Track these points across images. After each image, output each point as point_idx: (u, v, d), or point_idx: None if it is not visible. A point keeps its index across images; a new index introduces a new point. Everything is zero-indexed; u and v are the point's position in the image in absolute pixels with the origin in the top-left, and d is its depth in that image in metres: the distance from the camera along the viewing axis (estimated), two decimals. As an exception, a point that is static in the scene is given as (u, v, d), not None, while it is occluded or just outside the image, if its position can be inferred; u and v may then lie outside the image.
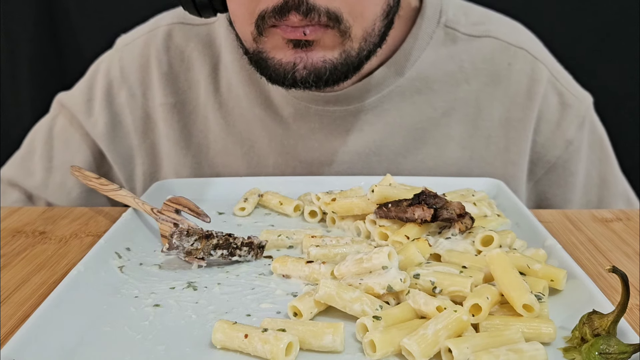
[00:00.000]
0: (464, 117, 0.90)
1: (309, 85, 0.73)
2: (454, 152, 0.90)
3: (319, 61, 0.72)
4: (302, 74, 0.73)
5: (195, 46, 0.93)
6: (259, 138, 0.91)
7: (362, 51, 0.75)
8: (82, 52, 1.43)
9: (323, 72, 0.73)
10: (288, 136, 0.90)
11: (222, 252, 0.62)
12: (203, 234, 0.61)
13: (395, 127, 0.89)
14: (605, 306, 0.50)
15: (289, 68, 0.73)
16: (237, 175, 0.92)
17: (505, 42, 0.91)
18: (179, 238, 0.60)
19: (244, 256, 0.64)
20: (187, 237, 0.60)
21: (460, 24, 0.90)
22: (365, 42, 0.74)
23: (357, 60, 0.75)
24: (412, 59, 0.88)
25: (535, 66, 0.91)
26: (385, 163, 0.90)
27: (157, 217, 0.70)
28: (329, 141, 0.90)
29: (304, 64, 0.72)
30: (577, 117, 0.92)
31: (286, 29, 0.70)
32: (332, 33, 0.71)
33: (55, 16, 1.46)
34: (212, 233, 0.62)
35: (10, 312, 0.58)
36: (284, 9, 0.68)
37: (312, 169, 0.91)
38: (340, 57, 0.73)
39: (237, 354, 0.49)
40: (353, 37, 0.72)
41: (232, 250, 0.63)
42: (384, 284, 0.53)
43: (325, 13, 0.69)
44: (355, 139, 0.89)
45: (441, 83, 0.89)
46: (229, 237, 0.63)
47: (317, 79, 0.73)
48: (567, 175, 0.94)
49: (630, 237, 0.73)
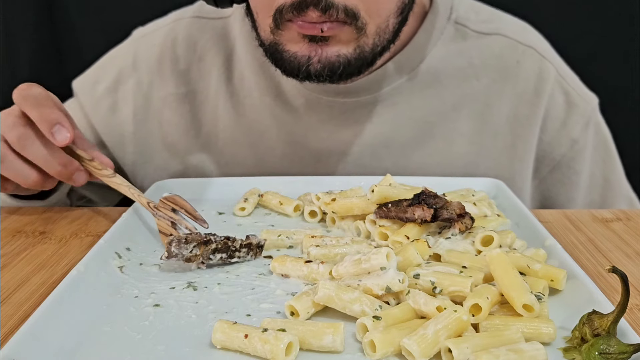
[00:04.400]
0: (473, 113, 0.91)
1: (322, 78, 0.74)
2: (462, 147, 0.91)
3: (333, 55, 0.73)
4: (317, 67, 0.73)
5: (210, 37, 0.94)
6: (269, 128, 0.92)
7: (375, 47, 0.75)
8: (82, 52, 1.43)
9: (337, 66, 0.73)
10: (298, 126, 0.91)
11: (221, 256, 0.63)
12: (201, 240, 0.61)
13: (404, 120, 0.90)
14: (605, 306, 0.50)
15: (303, 61, 0.73)
16: (245, 164, 0.93)
17: (514, 40, 0.92)
18: (177, 246, 0.60)
19: (243, 257, 0.64)
20: (185, 244, 0.60)
21: (471, 21, 0.91)
22: (379, 37, 0.75)
23: (370, 55, 0.76)
24: (422, 54, 0.88)
25: (543, 65, 0.92)
26: (394, 155, 0.91)
27: (154, 212, 0.70)
28: (338, 132, 0.90)
29: (318, 57, 0.73)
30: (583, 117, 0.93)
31: (303, 24, 0.70)
32: (348, 29, 0.71)
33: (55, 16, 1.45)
34: (210, 238, 0.62)
35: (10, 312, 0.58)
36: (303, 4, 0.69)
37: (321, 158, 0.91)
38: (354, 53, 0.74)
39: (237, 354, 0.49)
40: (368, 33, 0.73)
41: (231, 253, 0.63)
42: (382, 284, 0.53)
43: (344, 10, 0.69)
44: (365, 131, 0.90)
45: (451, 78, 0.90)
46: (227, 240, 0.63)
47: (331, 73, 0.74)
48: (572, 174, 0.95)
49: (630, 237, 0.73)
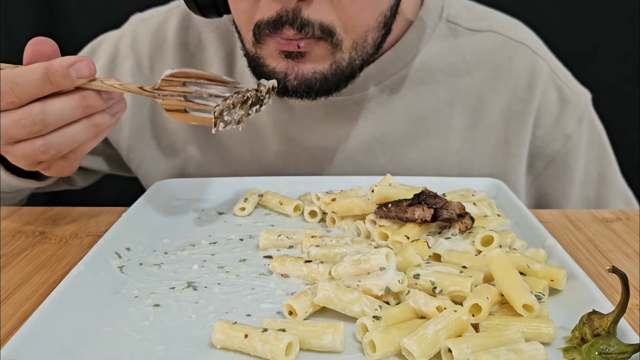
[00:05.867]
0: (466, 109, 0.91)
1: (299, 95, 0.74)
2: (456, 143, 0.92)
3: (309, 72, 0.73)
4: (293, 84, 0.74)
5: (213, 30, 0.94)
6: (265, 124, 0.92)
7: (353, 61, 0.75)
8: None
9: (314, 82, 0.74)
10: (293, 124, 0.91)
11: (255, 108, 0.66)
12: (241, 100, 0.63)
13: (398, 116, 0.90)
14: (605, 306, 0.50)
15: (280, 78, 0.74)
16: (241, 159, 0.93)
17: (506, 36, 0.93)
18: (228, 113, 0.62)
19: (267, 102, 0.68)
20: (233, 108, 0.62)
21: (462, 19, 0.92)
22: (356, 52, 0.75)
23: (348, 70, 0.76)
24: (414, 50, 0.89)
25: (536, 61, 0.92)
26: (389, 152, 0.91)
27: (157, 94, 0.66)
28: (333, 129, 0.90)
29: (295, 74, 0.73)
30: (576, 112, 0.93)
31: (281, 41, 0.71)
32: (323, 45, 0.72)
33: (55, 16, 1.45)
34: (245, 96, 0.64)
35: (10, 312, 0.58)
36: (278, 22, 0.69)
37: (316, 156, 0.92)
38: (330, 69, 0.74)
39: (237, 354, 0.49)
40: (344, 49, 0.73)
41: (261, 102, 0.66)
42: (381, 285, 0.53)
43: (319, 27, 0.70)
44: (359, 128, 0.90)
45: (444, 74, 0.90)
46: (256, 92, 0.65)
47: (308, 89, 0.74)
48: (566, 169, 0.95)
49: (630, 237, 0.73)
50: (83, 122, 0.65)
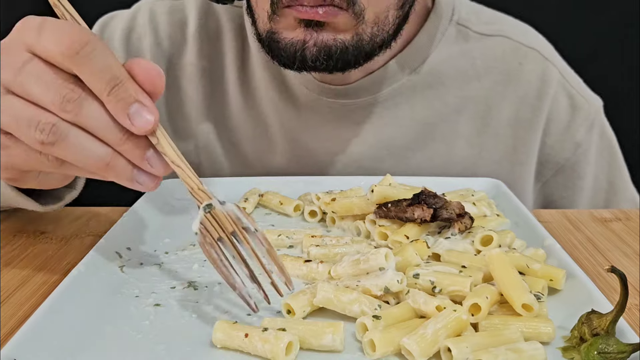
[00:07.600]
0: (474, 115, 0.90)
1: (319, 64, 0.72)
2: (463, 149, 0.91)
3: (330, 39, 0.71)
4: (312, 51, 0.71)
5: (229, 20, 0.93)
6: (273, 123, 0.92)
7: (374, 37, 0.73)
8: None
9: (334, 50, 0.72)
10: (299, 125, 0.91)
11: None
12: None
13: (405, 121, 0.89)
14: (604, 306, 0.50)
15: (299, 46, 0.72)
16: (246, 156, 0.93)
17: (517, 42, 0.91)
18: None
19: None
20: None
21: (473, 23, 0.91)
22: (378, 27, 0.73)
23: (369, 46, 0.74)
24: (423, 54, 0.88)
25: (546, 67, 0.91)
26: (394, 157, 0.90)
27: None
28: (338, 132, 0.90)
29: (314, 41, 0.71)
30: (587, 120, 0.92)
31: (300, 8, 0.69)
32: (345, 15, 0.70)
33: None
34: None
35: (11, 312, 0.58)
36: None
37: (320, 158, 0.91)
38: (352, 40, 0.72)
39: (238, 354, 0.49)
40: (366, 21, 0.72)
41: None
42: (380, 285, 0.53)
43: None
44: (365, 132, 0.90)
45: (452, 79, 0.89)
46: None
47: (327, 58, 0.72)
48: (575, 178, 0.94)
49: (629, 237, 0.73)
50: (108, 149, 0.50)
